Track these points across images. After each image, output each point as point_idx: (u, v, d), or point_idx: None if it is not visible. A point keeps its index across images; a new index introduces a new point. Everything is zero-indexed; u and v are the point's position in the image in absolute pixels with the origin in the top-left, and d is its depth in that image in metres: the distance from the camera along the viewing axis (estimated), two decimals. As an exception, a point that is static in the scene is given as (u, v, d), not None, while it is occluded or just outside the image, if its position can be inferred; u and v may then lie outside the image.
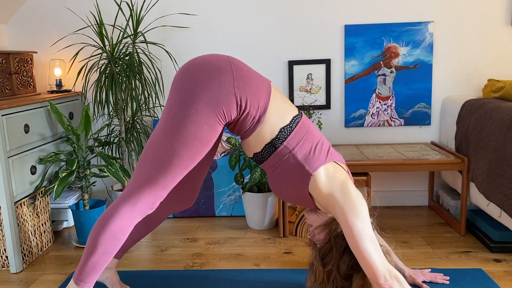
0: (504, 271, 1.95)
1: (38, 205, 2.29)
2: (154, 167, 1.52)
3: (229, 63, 1.53)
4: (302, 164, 1.55)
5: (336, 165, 1.59)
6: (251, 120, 1.54)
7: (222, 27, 2.74)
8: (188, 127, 1.47)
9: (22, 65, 2.48)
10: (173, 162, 1.50)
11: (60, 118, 2.27)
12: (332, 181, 1.53)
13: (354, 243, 1.45)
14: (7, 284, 1.99)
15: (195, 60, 1.55)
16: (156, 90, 2.57)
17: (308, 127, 1.62)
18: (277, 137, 1.56)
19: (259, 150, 1.60)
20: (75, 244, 2.39)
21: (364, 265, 1.44)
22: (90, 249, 1.55)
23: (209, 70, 1.50)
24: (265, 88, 1.56)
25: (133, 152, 2.66)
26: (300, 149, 1.56)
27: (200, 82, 1.48)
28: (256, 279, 1.94)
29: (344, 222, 1.47)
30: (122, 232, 1.55)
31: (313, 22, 2.71)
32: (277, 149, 1.56)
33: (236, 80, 1.50)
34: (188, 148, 1.48)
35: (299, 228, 2.39)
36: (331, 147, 1.65)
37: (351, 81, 2.74)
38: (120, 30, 2.58)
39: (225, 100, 1.48)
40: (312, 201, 1.60)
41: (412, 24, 2.66)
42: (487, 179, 2.04)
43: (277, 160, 1.58)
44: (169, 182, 1.53)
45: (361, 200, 1.50)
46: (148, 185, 1.52)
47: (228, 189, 2.73)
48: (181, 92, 1.50)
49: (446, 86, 2.73)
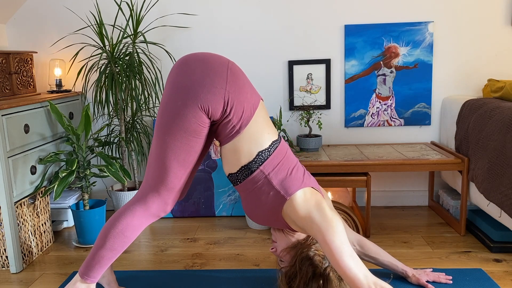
0: (504, 271, 1.95)
1: (38, 205, 2.29)
2: (155, 165, 1.55)
3: (226, 68, 1.55)
4: (277, 189, 1.56)
5: (311, 189, 1.59)
6: (230, 128, 1.56)
7: (222, 27, 2.74)
8: (176, 119, 1.50)
9: (22, 65, 2.48)
10: (168, 156, 1.52)
11: (60, 118, 2.27)
12: (308, 203, 1.53)
13: (334, 260, 1.46)
14: (7, 284, 1.99)
15: (192, 56, 1.57)
16: (156, 90, 2.57)
17: (286, 152, 1.63)
18: (254, 161, 1.56)
19: (234, 171, 1.61)
20: (75, 244, 2.39)
21: (347, 281, 1.45)
22: (99, 244, 1.58)
23: (205, 68, 1.52)
24: (252, 103, 1.58)
25: (133, 152, 2.66)
26: (276, 175, 1.57)
27: (193, 76, 1.51)
28: (256, 279, 1.94)
29: (323, 240, 1.48)
30: (132, 231, 1.57)
31: (313, 22, 2.71)
32: (253, 173, 1.57)
33: (228, 85, 1.53)
34: (179, 140, 1.51)
35: (299, 228, 2.38)
36: (306, 171, 1.67)
37: (351, 81, 2.74)
38: (120, 30, 2.58)
39: (213, 99, 1.50)
40: (286, 224, 1.60)
41: (412, 24, 2.66)
42: (487, 179, 2.04)
43: (252, 184, 1.59)
44: (173, 180, 1.54)
45: (336, 219, 1.51)
46: (154, 186, 1.55)
47: (228, 189, 2.73)
48: (172, 86, 1.54)
49: (446, 86, 2.74)
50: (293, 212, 1.54)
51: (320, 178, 2.30)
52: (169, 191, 1.56)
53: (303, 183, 1.58)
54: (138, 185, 2.71)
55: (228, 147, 1.59)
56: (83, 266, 1.61)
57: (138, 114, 2.67)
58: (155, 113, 2.79)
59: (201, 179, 2.75)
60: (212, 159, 2.77)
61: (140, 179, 2.88)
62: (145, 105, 2.62)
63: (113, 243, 1.57)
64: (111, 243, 1.57)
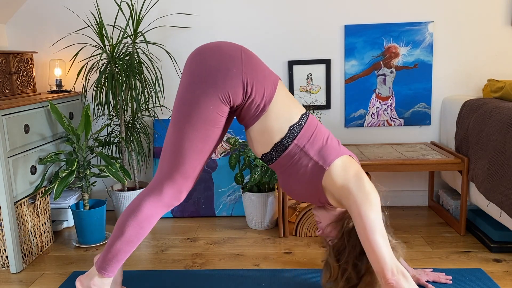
0: (504, 271, 1.95)
1: (38, 205, 2.29)
2: (171, 154, 1.53)
3: (240, 51, 1.55)
4: (315, 160, 1.55)
5: (349, 158, 1.59)
6: (255, 108, 1.54)
7: (222, 27, 2.74)
8: (195, 108, 1.49)
9: (22, 65, 2.48)
10: (185, 145, 1.51)
11: (60, 118, 2.27)
12: (346, 173, 1.53)
13: (364, 235, 1.45)
14: (7, 284, 1.99)
15: (206, 46, 1.57)
16: (156, 90, 2.57)
17: (317, 124, 1.62)
18: (287, 136, 1.56)
19: (267, 150, 1.60)
20: (75, 244, 2.39)
21: (372, 258, 1.44)
22: (114, 237, 1.58)
23: (219, 55, 1.51)
24: (272, 80, 1.57)
25: (133, 152, 2.66)
26: (312, 146, 1.56)
27: (208, 65, 1.50)
28: (256, 279, 1.94)
29: (357, 213, 1.47)
30: (148, 222, 1.56)
31: (313, 22, 2.71)
32: (288, 148, 1.56)
33: (244, 65, 1.51)
34: (197, 130, 1.50)
35: (299, 228, 2.39)
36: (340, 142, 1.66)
37: (351, 81, 2.74)
38: (120, 30, 2.58)
39: (231, 83, 1.49)
40: (325, 198, 1.59)
41: (412, 24, 2.66)
42: (487, 179, 2.04)
43: (288, 159, 1.58)
44: (188, 168, 1.53)
45: (374, 192, 1.50)
46: (170, 174, 1.54)
47: (228, 189, 2.73)
48: (189, 75, 1.53)
49: (446, 86, 2.73)
50: (331, 183, 1.54)
51: (320, 178, 2.29)
52: (184, 180, 1.54)
53: (340, 151, 1.57)
54: (138, 185, 2.71)
55: (256, 129, 1.58)
56: (100, 261, 1.61)
57: (138, 114, 2.67)
58: (155, 113, 2.79)
59: (201, 179, 2.75)
60: (212, 159, 2.77)
61: (140, 179, 2.88)
62: (145, 105, 2.62)
63: (129, 235, 1.56)
64: (127, 236, 1.56)
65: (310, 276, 1.94)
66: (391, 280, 1.42)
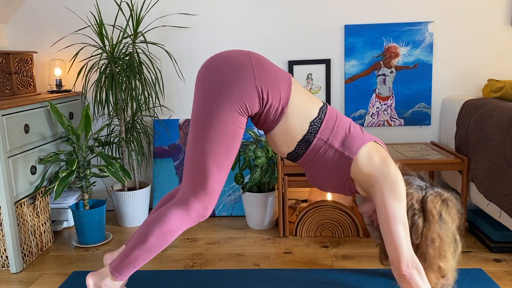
0: (504, 271, 1.95)
1: (38, 205, 2.29)
2: (195, 171, 1.53)
3: (248, 57, 1.54)
4: (340, 151, 1.56)
5: (375, 144, 1.59)
6: (274, 112, 1.54)
7: (222, 27, 2.74)
8: (213, 124, 1.48)
9: (22, 65, 2.48)
10: (207, 161, 1.50)
11: (60, 118, 2.27)
12: (371, 161, 1.53)
13: (386, 224, 1.46)
14: (7, 284, 1.99)
15: (215, 57, 1.56)
16: (156, 90, 2.57)
17: (337, 114, 1.62)
18: (309, 132, 1.56)
19: (292, 149, 1.60)
20: (75, 244, 2.39)
21: (389, 247, 1.46)
22: (136, 243, 1.58)
23: (229, 66, 1.50)
24: (285, 81, 1.56)
25: (133, 152, 2.66)
26: (335, 137, 1.56)
27: (220, 78, 1.49)
28: (256, 279, 1.94)
29: (381, 201, 1.48)
30: (171, 234, 1.57)
31: (313, 22, 2.71)
32: (312, 143, 1.57)
33: (256, 73, 1.50)
34: (217, 144, 1.49)
35: (299, 228, 2.39)
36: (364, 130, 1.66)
37: (351, 81, 2.74)
38: (120, 30, 2.58)
39: (246, 94, 1.48)
40: (354, 186, 1.60)
41: (412, 24, 2.66)
42: (487, 179, 2.04)
43: (314, 154, 1.58)
44: (213, 184, 1.52)
45: (400, 181, 1.50)
46: (195, 191, 1.54)
47: (228, 189, 2.73)
48: (203, 91, 1.51)
49: (446, 86, 2.73)
50: (358, 173, 1.54)
51: (320, 178, 2.29)
52: (209, 196, 1.54)
53: (364, 138, 1.57)
54: (138, 185, 2.71)
55: (277, 131, 1.58)
56: (116, 263, 1.61)
57: (138, 114, 2.67)
58: (155, 113, 2.79)
59: (201, 179, 2.74)
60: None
61: (140, 179, 2.88)
62: (145, 105, 2.62)
63: (151, 245, 1.56)
64: (149, 245, 1.56)
65: (310, 276, 1.94)
66: (404, 272, 1.45)
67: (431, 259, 1.54)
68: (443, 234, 1.54)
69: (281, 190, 2.36)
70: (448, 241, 1.56)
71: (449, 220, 1.57)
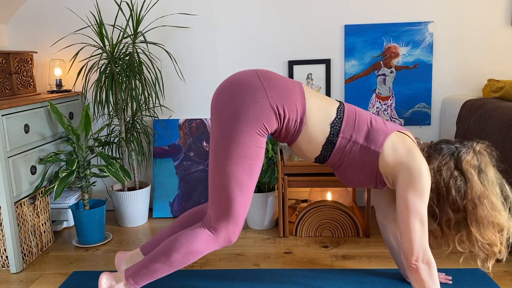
0: (504, 271, 1.95)
1: (38, 205, 2.29)
2: (220, 197, 1.54)
3: (257, 76, 1.55)
4: (365, 146, 1.56)
5: (400, 134, 1.59)
6: (293, 124, 1.56)
7: (222, 27, 2.74)
8: (235, 148, 1.50)
9: (22, 65, 2.48)
10: (231, 184, 1.52)
11: (60, 118, 2.27)
12: (395, 153, 1.54)
13: (403, 216, 1.49)
14: (7, 284, 1.99)
15: (224, 83, 1.58)
16: (156, 90, 2.57)
17: (355, 111, 1.63)
18: (331, 133, 1.57)
19: (318, 153, 1.61)
20: (75, 244, 2.39)
21: (403, 238, 1.49)
22: (158, 255, 1.59)
23: (240, 89, 1.52)
24: (297, 90, 1.57)
25: (133, 152, 2.66)
26: (358, 133, 1.57)
27: (234, 103, 1.51)
28: (256, 279, 1.94)
29: (402, 193, 1.50)
30: (196, 254, 1.59)
31: (313, 22, 2.71)
32: (336, 144, 1.57)
33: (268, 91, 1.52)
34: (240, 167, 1.51)
35: (299, 228, 2.39)
36: (385, 120, 1.66)
37: (351, 81, 2.74)
38: (120, 30, 2.58)
39: (263, 113, 1.50)
40: (383, 179, 1.61)
41: (412, 24, 2.66)
42: (487, 179, 2.03)
43: (340, 153, 1.59)
44: (239, 207, 1.55)
45: (425, 175, 1.50)
46: (223, 216, 1.55)
47: (228, 189, 2.72)
48: (219, 118, 1.53)
49: (446, 86, 2.73)
50: (385, 165, 1.55)
51: (321, 178, 2.30)
52: (235, 223, 1.57)
53: (388, 129, 1.58)
54: (138, 185, 2.71)
55: (300, 140, 1.60)
56: (133, 270, 1.61)
57: (138, 114, 2.67)
58: (155, 113, 2.79)
59: (201, 179, 2.75)
60: (212, 159, 2.76)
61: (140, 179, 2.88)
62: (145, 105, 2.62)
63: (174, 260, 1.58)
64: (172, 260, 1.58)
65: (310, 276, 1.94)
66: (412, 264, 1.49)
67: (483, 219, 1.52)
68: (487, 188, 1.54)
69: (281, 190, 2.36)
70: (495, 193, 1.54)
71: (489, 171, 1.56)
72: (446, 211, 1.56)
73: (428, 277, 1.51)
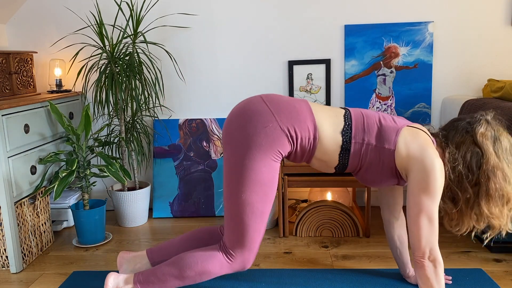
0: (504, 271, 1.95)
1: (38, 205, 2.29)
2: (237, 223, 1.55)
3: (263, 102, 1.57)
4: (379, 146, 1.57)
5: (411, 128, 1.59)
6: (307, 142, 1.57)
7: (222, 27, 2.74)
8: (249, 175, 1.51)
9: (22, 65, 2.48)
10: (247, 213, 1.53)
11: (60, 118, 2.27)
12: (409, 149, 1.54)
13: (412, 212, 1.51)
14: (7, 284, 1.99)
15: (232, 114, 1.60)
16: (156, 90, 2.57)
17: (361, 114, 1.63)
18: (344, 141, 1.58)
19: (337, 162, 1.62)
20: (75, 244, 2.39)
21: (411, 233, 1.52)
22: (171, 268, 1.60)
23: (249, 117, 1.54)
24: (305, 108, 1.59)
25: (133, 152, 2.66)
26: (370, 135, 1.58)
27: (245, 132, 1.52)
28: (256, 279, 1.94)
29: (413, 189, 1.51)
30: (208, 275, 1.60)
31: (313, 22, 2.71)
32: (351, 150, 1.58)
33: (276, 115, 1.54)
34: (255, 194, 1.52)
35: (299, 228, 2.39)
36: (394, 116, 1.67)
37: (351, 81, 2.74)
38: (120, 30, 2.58)
39: (275, 138, 1.52)
40: (401, 176, 1.61)
41: (412, 24, 2.66)
42: (487, 179, 2.03)
43: (357, 157, 1.60)
44: (254, 234, 1.56)
45: (438, 173, 1.49)
46: (239, 242, 1.57)
47: (228, 189, 2.72)
48: (232, 146, 1.55)
49: (446, 86, 2.74)
50: (400, 161, 1.56)
51: (321, 178, 2.30)
52: (250, 250, 1.58)
53: (398, 126, 1.58)
54: (138, 185, 2.71)
55: (317, 155, 1.61)
56: (143, 277, 1.62)
57: (138, 114, 2.67)
58: (155, 113, 2.79)
59: (201, 179, 2.75)
60: (212, 159, 2.77)
61: (140, 179, 2.88)
62: (145, 105, 2.62)
63: (186, 276, 1.59)
64: (184, 276, 1.59)
65: (310, 276, 1.94)
66: (418, 259, 1.52)
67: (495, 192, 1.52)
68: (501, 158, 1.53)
69: (281, 190, 2.36)
70: (508, 161, 1.53)
71: (503, 138, 1.56)
72: (466, 189, 1.55)
73: (433, 275, 1.52)
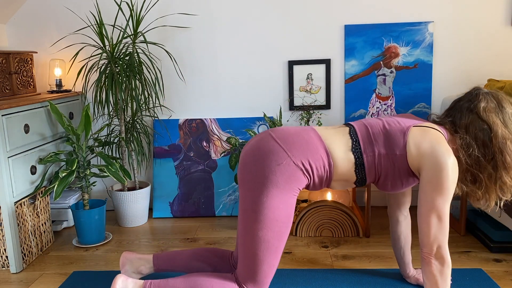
0: (504, 271, 1.95)
1: (38, 205, 2.29)
2: (250, 260, 1.56)
3: (272, 139, 1.57)
4: (391, 153, 1.56)
5: (418, 128, 1.58)
6: (324, 171, 1.57)
7: (222, 27, 2.74)
8: (266, 214, 1.51)
9: (22, 65, 2.48)
10: (262, 250, 1.54)
11: (60, 118, 2.27)
12: (419, 150, 1.53)
13: (422, 209, 1.52)
14: (7, 284, 1.99)
15: (246, 152, 1.60)
16: (156, 90, 2.57)
17: (364, 125, 1.64)
18: (356, 157, 1.58)
19: (355, 178, 1.62)
20: (75, 244, 2.39)
21: (420, 229, 1.53)
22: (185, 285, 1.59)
23: (261, 156, 1.53)
24: (313, 138, 1.59)
25: (133, 152, 2.66)
26: (378, 144, 1.58)
27: (259, 172, 1.52)
28: (256, 279, 1.94)
29: (423, 186, 1.51)
30: None
31: (313, 22, 2.71)
32: (365, 164, 1.59)
33: (288, 151, 1.53)
34: (271, 231, 1.52)
35: (299, 228, 2.39)
36: (396, 116, 1.66)
37: (351, 81, 2.74)
38: (120, 30, 2.58)
39: (291, 174, 1.52)
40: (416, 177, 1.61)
41: (412, 24, 2.66)
42: (487, 179, 2.03)
43: (373, 169, 1.60)
44: (267, 268, 1.56)
45: (450, 171, 1.48)
46: (252, 276, 1.57)
47: (228, 189, 2.73)
48: (248, 186, 1.54)
49: (446, 86, 2.74)
50: (412, 163, 1.55)
51: (320, 178, 2.29)
52: (263, 284, 1.58)
53: (403, 129, 1.58)
54: (138, 185, 2.71)
55: (335, 178, 1.61)
56: (154, 286, 1.62)
57: (138, 114, 2.67)
58: (155, 113, 2.79)
59: (201, 179, 2.75)
60: (212, 159, 2.77)
61: (140, 179, 2.88)
62: (145, 105, 2.62)
63: None
64: None
65: (310, 276, 1.94)
66: (425, 255, 1.53)
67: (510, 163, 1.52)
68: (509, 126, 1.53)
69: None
70: None
71: (507, 105, 1.56)
72: (485, 167, 1.54)
73: (438, 273, 1.52)
